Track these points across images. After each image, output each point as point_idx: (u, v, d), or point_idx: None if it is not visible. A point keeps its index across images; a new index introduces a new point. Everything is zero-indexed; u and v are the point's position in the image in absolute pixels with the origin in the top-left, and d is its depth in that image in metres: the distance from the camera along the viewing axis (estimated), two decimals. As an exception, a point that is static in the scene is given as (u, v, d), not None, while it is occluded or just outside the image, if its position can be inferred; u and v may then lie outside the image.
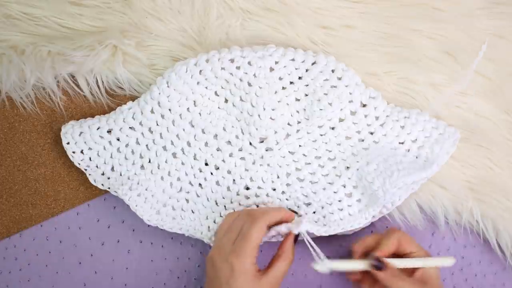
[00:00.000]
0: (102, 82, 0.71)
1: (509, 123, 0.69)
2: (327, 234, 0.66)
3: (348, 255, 0.69)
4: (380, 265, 0.60)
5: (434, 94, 0.69)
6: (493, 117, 0.69)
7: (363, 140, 0.67)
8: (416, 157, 0.67)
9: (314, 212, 0.67)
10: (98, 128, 0.69)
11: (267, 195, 0.69)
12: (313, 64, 0.67)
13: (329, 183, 0.67)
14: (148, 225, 0.71)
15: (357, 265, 0.62)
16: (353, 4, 0.70)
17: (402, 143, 0.67)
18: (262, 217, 0.61)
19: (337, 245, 0.70)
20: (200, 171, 0.69)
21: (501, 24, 0.69)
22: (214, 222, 0.69)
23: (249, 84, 0.67)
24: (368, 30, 0.70)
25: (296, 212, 0.67)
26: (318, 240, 0.65)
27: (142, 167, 0.69)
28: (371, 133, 0.67)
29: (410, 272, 0.62)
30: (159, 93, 0.67)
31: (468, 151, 0.69)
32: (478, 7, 0.69)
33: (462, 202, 0.67)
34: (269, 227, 0.62)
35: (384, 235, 0.63)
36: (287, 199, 0.68)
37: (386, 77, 0.69)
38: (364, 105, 0.68)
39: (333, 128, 0.68)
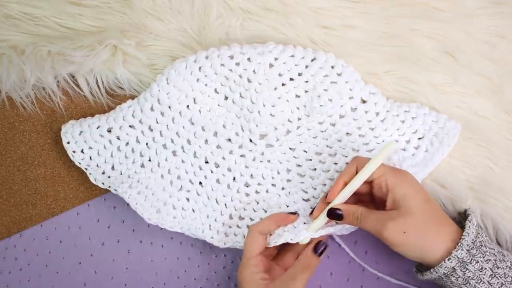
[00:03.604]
0: (102, 82, 0.72)
1: (509, 123, 0.69)
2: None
3: (347, 256, 0.69)
4: (335, 215, 0.61)
5: (434, 94, 0.69)
6: (493, 117, 0.69)
7: (363, 136, 0.68)
8: (416, 148, 0.67)
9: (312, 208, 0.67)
10: (98, 127, 0.69)
11: (267, 191, 0.69)
12: (312, 60, 0.67)
13: (330, 179, 0.67)
14: (148, 225, 0.71)
15: (323, 219, 0.62)
16: (353, 4, 0.70)
17: (402, 135, 0.67)
18: (252, 227, 0.63)
19: (336, 244, 0.69)
20: (200, 169, 0.69)
21: (501, 24, 0.69)
22: (215, 220, 0.69)
23: (249, 81, 0.67)
24: (368, 30, 0.70)
25: (295, 213, 0.66)
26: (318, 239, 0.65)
27: (142, 165, 0.69)
28: (372, 129, 0.68)
29: (382, 205, 0.61)
30: (159, 90, 0.68)
31: (468, 151, 0.69)
32: (478, 7, 0.69)
33: (462, 201, 0.67)
34: (269, 234, 0.64)
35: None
36: (286, 196, 0.68)
37: (386, 76, 0.69)
38: (364, 101, 0.68)
39: (333, 125, 0.68)
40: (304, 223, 0.64)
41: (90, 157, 0.69)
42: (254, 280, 0.60)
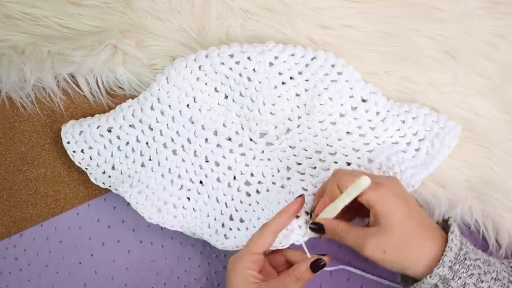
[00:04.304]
0: (102, 82, 0.72)
1: (509, 123, 0.69)
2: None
3: (347, 256, 0.69)
4: (316, 228, 0.61)
5: (434, 94, 0.69)
6: (493, 117, 0.69)
7: (364, 136, 0.68)
8: (417, 150, 0.67)
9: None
10: (98, 127, 0.69)
11: (267, 190, 0.69)
12: (312, 59, 0.68)
13: None
14: (148, 225, 0.71)
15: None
16: (353, 3, 0.70)
17: (403, 136, 0.67)
18: (265, 226, 0.62)
19: (337, 244, 0.69)
20: (201, 167, 0.69)
21: (501, 24, 0.69)
22: (215, 219, 0.69)
23: (249, 79, 0.67)
24: (368, 30, 0.70)
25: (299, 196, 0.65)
26: (317, 239, 0.65)
27: (142, 164, 0.69)
28: (372, 129, 0.68)
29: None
30: (159, 89, 0.68)
31: (468, 151, 0.69)
32: (478, 7, 0.69)
33: (462, 201, 0.67)
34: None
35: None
36: (286, 194, 0.68)
37: (386, 76, 0.69)
38: (365, 101, 0.68)
39: (334, 123, 0.68)
40: (306, 220, 0.64)
41: (91, 157, 0.69)
42: (245, 277, 0.59)
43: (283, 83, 0.68)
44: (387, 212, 0.57)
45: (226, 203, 0.69)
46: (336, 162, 0.67)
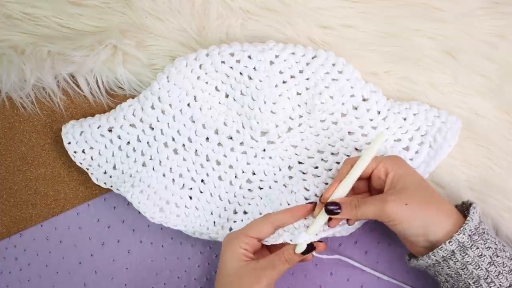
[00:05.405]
0: (102, 82, 0.72)
1: (509, 123, 0.69)
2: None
3: (348, 253, 0.69)
4: (333, 209, 0.60)
5: (434, 94, 0.69)
6: (493, 117, 0.69)
7: (366, 135, 0.68)
8: (420, 145, 0.67)
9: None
10: (98, 127, 0.69)
11: (269, 187, 0.69)
12: (313, 58, 0.68)
13: (332, 178, 0.67)
14: (148, 225, 0.71)
15: (321, 220, 0.61)
16: (353, 3, 0.70)
17: (405, 133, 0.68)
18: (267, 215, 0.62)
19: (337, 244, 0.69)
20: (202, 166, 0.69)
21: (501, 24, 0.69)
22: (220, 216, 0.69)
23: (250, 78, 0.67)
24: (368, 30, 0.70)
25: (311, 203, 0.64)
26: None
27: (143, 164, 0.69)
28: (374, 128, 0.68)
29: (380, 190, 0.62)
30: (159, 88, 0.68)
31: (468, 151, 0.69)
32: (478, 7, 0.69)
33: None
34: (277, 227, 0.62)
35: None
36: (288, 193, 0.68)
37: (386, 76, 0.69)
38: (365, 99, 0.68)
39: (335, 123, 0.68)
40: (305, 225, 0.64)
41: (92, 157, 0.69)
42: (236, 254, 0.60)
43: (284, 81, 0.68)
44: (406, 173, 0.59)
45: (228, 200, 0.69)
46: (338, 163, 0.67)
